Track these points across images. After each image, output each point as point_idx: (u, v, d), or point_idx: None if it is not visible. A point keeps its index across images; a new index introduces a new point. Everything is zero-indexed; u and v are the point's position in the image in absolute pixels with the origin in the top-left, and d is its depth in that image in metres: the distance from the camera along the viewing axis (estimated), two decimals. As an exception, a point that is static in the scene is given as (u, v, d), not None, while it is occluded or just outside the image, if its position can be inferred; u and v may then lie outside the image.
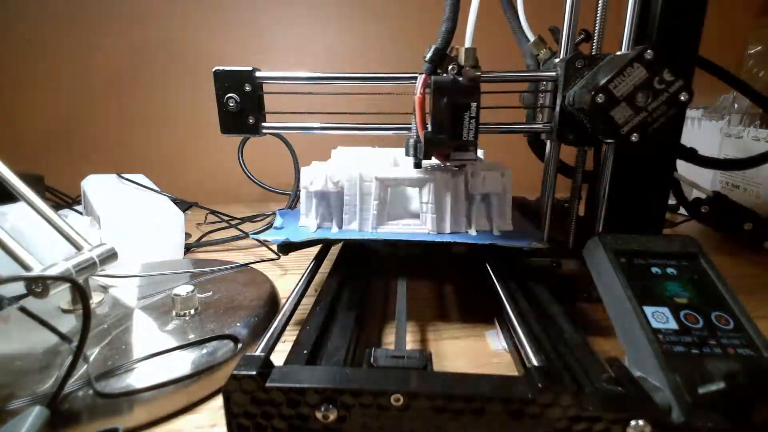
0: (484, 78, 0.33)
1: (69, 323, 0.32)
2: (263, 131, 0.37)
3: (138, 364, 0.27)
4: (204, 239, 0.58)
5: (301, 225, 0.39)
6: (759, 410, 0.19)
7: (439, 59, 0.32)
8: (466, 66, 0.31)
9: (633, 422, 0.19)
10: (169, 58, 0.78)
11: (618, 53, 0.32)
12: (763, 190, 0.57)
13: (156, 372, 0.26)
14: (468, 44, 0.31)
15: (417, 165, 0.37)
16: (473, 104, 0.31)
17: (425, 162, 0.38)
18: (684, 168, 0.43)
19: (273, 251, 0.50)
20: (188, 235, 0.58)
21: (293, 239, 0.36)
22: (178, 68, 0.78)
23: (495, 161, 0.42)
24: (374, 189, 0.36)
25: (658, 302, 0.24)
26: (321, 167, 0.38)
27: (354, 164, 0.39)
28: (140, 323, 0.32)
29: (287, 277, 0.47)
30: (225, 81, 0.35)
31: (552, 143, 0.37)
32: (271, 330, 0.25)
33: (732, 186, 0.62)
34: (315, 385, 0.20)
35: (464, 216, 0.37)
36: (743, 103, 0.62)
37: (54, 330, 0.27)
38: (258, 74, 0.35)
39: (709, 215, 0.45)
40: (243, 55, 0.78)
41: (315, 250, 0.40)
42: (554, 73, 0.34)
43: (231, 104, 0.36)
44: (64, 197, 0.67)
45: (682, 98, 0.29)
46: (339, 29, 0.79)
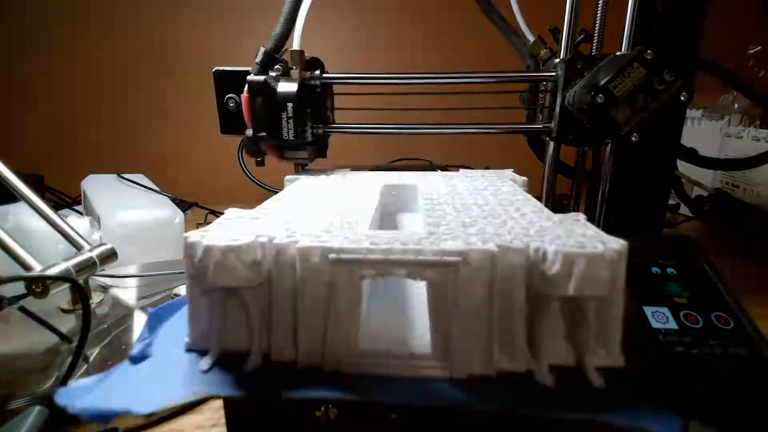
0: (328, 80, 0.35)
1: (69, 323, 0.32)
2: (263, 131, 0.37)
3: (138, 364, 0.27)
4: (204, 239, 0.58)
5: (180, 350, 0.19)
6: (759, 410, 0.19)
7: (268, 61, 0.33)
8: (295, 67, 0.33)
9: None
10: (169, 58, 0.78)
11: (618, 53, 0.32)
12: (763, 190, 0.56)
13: (156, 372, 0.26)
14: (296, 46, 0.33)
15: (259, 163, 0.36)
16: (289, 105, 0.32)
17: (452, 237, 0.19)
18: (684, 168, 0.43)
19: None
20: (188, 235, 0.58)
21: (135, 409, 0.15)
22: (178, 68, 0.78)
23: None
24: (334, 287, 0.17)
25: (658, 302, 0.24)
26: (231, 231, 0.19)
27: (298, 218, 0.21)
28: (140, 323, 0.32)
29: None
30: (225, 81, 0.35)
31: (552, 143, 0.37)
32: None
33: (732, 186, 0.62)
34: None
35: (524, 340, 0.18)
36: (743, 103, 0.62)
37: (54, 330, 0.27)
38: (258, 74, 0.35)
39: (711, 213, 0.45)
40: (243, 56, 0.78)
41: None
42: (554, 74, 0.34)
43: (231, 104, 0.36)
44: (64, 197, 0.67)
45: (682, 98, 0.29)
46: (340, 28, 0.79)
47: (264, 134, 0.33)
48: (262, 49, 0.33)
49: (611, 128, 0.30)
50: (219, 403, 0.27)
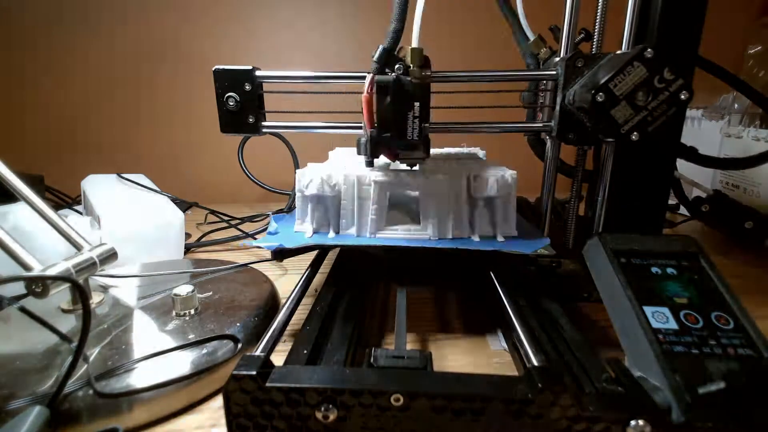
0: (437, 78, 0.34)
1: (69, 323, 0.32)
2: (263, 130, 0.37)
3: (138, 364, 0.27)
4: (204, 239, 0.58)
5: (297, 230, 0.38)
6: (759, 410, 0.19)
7: (387, 59, 0.32)
8: (413, 66, 0.32)
9: (633, 422, 0.19)
10: (169, 58, 0.78)
11: (618, 52, 0.32)
12: (763, 190, 0.56)
13: (156, 372, 0.26)
14: (414, 44, 0.32)
15: (369, 164, 0.36)
16: (416, 104, 0.32)
17: (430, 165, 0.37)
18: (684, 168, 0.43)
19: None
20: (188, 235, 0.58)
21: (287, 245, 0.34)
22: (178, 68, 0.78)
23: (495, 160, 0.42)
24: (372, 193, 0.36)
25: (658, 302, 0.24)
26: (317, 169, 0.37)
27: (351, 167, 0.38)
28: (140, 323, 0.32)
29: (287, 277, 0.47)
30: (225, 80, 0.35)
31: (552, 142, 0.37)
32: (271, 330, 0.25)
33: (732, 186, 0.62)
34: (315, 385, 0.20)
35: (467, 221, 0.37)
36: (743, 103, 0.62)
37: (54, 330, 0.27)
38: (258, 73, 0.35)
39: (710, 214, 0.45)
40: (243, 54, 0.78)
41: (313, 254, 0.39)
42: (554, 72, 0.34)
43: (231, 103, 0.35)
44: (64, 197, 0.67)
45: (683, 97, 0.29)
46: (339, 29, 0.79)
47: (388, 135, 0.33)
48: (381, 47, 0.32)
49: (611, 127, 0.30)
50: (219, 403, 0.27)
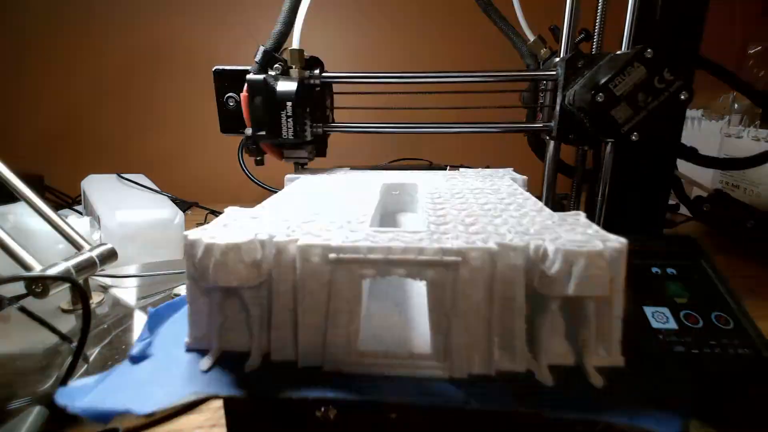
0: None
1: (69, 323, 0.32)
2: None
3: (138, 364, 0.27)
4: (204, 239, 0.58)
5: (180, 350, 0.19)
6: (759, 410, 0.19)
7: (267, 60, 0.33)
8: (294, 66, 0.33)
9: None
10: (169, 58, 0.78)
11: (618, 52, 0.32)
12: (764, 190, 0.56)
13: (156, 372, 0.26)
14: (295, 45, 0.33)
15: (258, 162, 0.36)
16: (288, 103, 0.32)
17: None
18: (684, 168, 0.43)
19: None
20: (188, 235, 0.58)
21: (134, 409, 0.15)
22: (178, 68, 0.78)
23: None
24: (335, 286, 0.17)
25: (658, 302, 0.24)
26: (234, 228, 0.19)
27: (299, 217, 0.21)
28: (140, 323, 0.32)
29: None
30: (225, 80, 0.35)
31: (552, 142, 0.37)
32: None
33: (732, 186, 0.62)
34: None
35: (523, 341, 0.17)
36: (743, 103, 0.62)
37: (54, 330, 0.27)
38: (258, 74, 0.35)
39: (711, 213, 0.45)
40: (243, 55, 0.78)
41: None
42: (554, 73, 0.34)
43: (231, 103, 0.36)
44: (64, 197, 0.67)
45: (682, 97, 0.29)
46: (340, 28, 0.79)
47: (263, 133, 0.33)
48: (262, 48, 0.33)
49: (611, 127, 0.30)
50: (219, 403, 0.27)
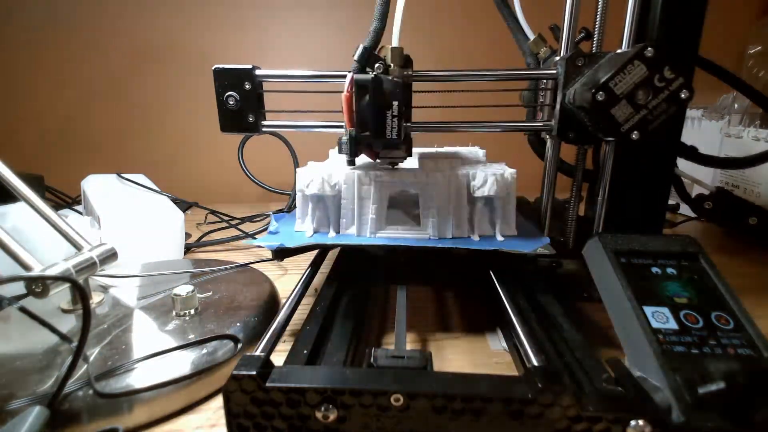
0: (419, 77, 0.34)
1: (69, 323, 0.32)
2: (263, 129, 0.37)
3: (138, 364, 0.27)
4: (204, 239, 0.58)
5: (297, 229, 0.38)
6: (759, 410, 0.19)
7: (367, 58, 0.32)
8: (393, 65, 0.32)
9: (633, 422, 0.19)
10: (169, 58, 0.78)
11: (618, 51, 0.32)
12: (764, 190, 0.56)
13: (156, 372, 0.26)
14: (395, 44, 0.32)
15: (350, 163, 0.36)
16: (395, 103, 0.32)
17: (430, 164, 0.38)
18: (684, 169, 0.42)
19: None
20: (188, 235, 0.58)
21: (288, 244, 0.34)
22: (178, 68, 0.78)
23: (496, 161, 0.42)
24: (373, 192, 0.36)
25: (658, 302, 0.24)
26: (317, 168, 0.37)
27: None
28: (140, 323, 0.32)
29: (287, 277, 0.47)
30: (225, 79, 0.35)
31: (552, 142, 0.37)
32: (271, 330, 0.25)
33: (732, 186, 0.62)
34: (315, 385, 0.20)
35: (467, 220, 0.36)
36: (743, 103, 0.62)
37: (54, 330, 0.27)
38: (258, 72, 0.35)
39: (713, 211, 0.45)
40: (243, 54, 0.78)
41: (313, 254, 0.39)
42: (554, 71, 0.34)
43: (231, 102, 0.35)
44: (64, 197, 0.67)
45: (683, 96, 0.29)
46: (340, 28, 0.79)
47: (367, 133, 0.32)
48: (361, 47, 0.32)
49: (611, 126, 0.30)
50: (219, 403, 0.27)
